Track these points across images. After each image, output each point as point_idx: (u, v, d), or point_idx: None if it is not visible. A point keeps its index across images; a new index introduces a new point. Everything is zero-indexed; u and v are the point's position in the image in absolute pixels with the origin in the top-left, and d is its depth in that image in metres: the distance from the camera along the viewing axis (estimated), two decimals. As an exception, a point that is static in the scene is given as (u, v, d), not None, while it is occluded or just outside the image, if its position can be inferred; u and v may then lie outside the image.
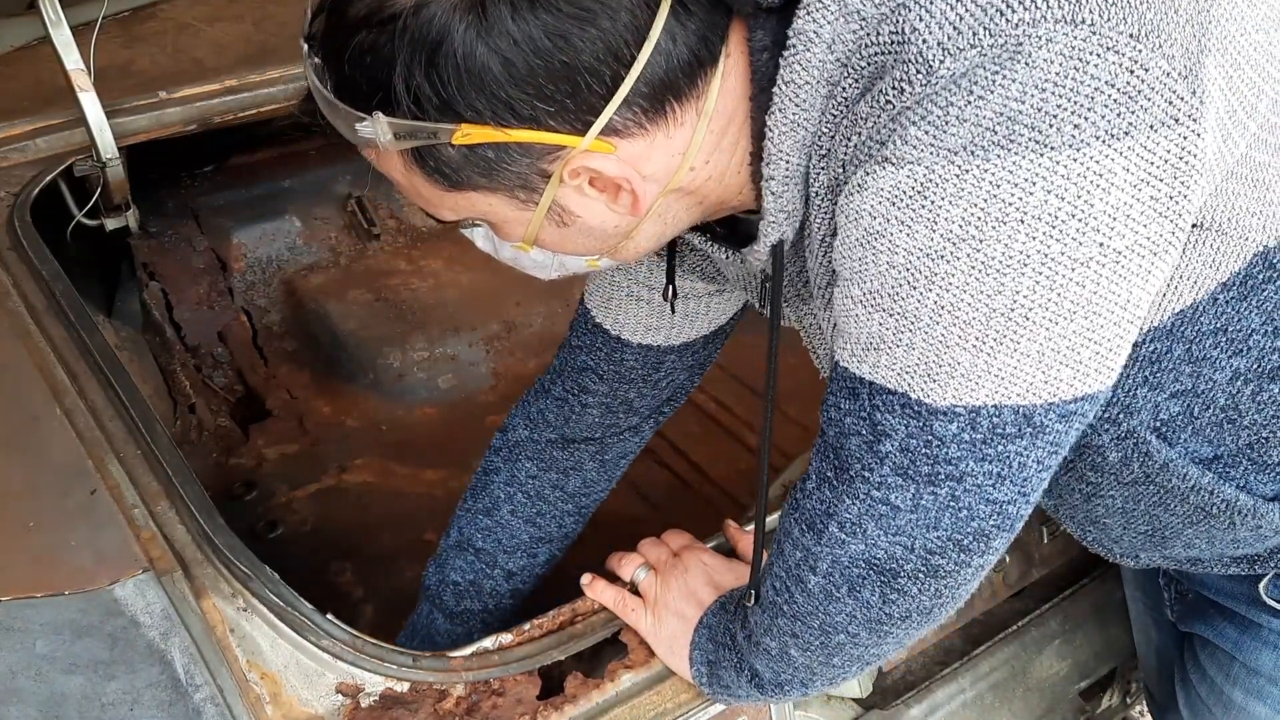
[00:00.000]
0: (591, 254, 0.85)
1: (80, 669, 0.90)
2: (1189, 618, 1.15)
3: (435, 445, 1.82)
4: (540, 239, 0.82)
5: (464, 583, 1.24)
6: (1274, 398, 0.84)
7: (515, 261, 0.88)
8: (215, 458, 1.75)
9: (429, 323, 1.96)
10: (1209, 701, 1.13)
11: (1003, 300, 0.67)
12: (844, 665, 0.89)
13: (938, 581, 0.79)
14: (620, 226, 0.80)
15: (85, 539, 1.01)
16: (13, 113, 1.67)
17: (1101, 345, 0.70)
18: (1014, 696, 1.30)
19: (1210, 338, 0.80)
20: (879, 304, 0.71)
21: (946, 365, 0.70)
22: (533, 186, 0.76)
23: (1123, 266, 0.67)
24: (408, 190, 0.80)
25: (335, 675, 0.96)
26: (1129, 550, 1.01)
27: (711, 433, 1.85)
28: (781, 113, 0.72)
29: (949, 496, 0.75)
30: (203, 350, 1.91)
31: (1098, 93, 0.62)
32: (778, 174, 0.75)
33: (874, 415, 0.74)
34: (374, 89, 0.70)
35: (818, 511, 0.81)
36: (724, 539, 1.15)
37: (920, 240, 0.67)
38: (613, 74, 0.69)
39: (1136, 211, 0.65)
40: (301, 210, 2.08)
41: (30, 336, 1.25)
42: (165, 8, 2.11)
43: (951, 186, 0.65)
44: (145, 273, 1.90)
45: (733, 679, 0.96)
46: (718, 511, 1.62)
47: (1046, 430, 0.73)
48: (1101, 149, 0.63)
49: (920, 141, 0.65)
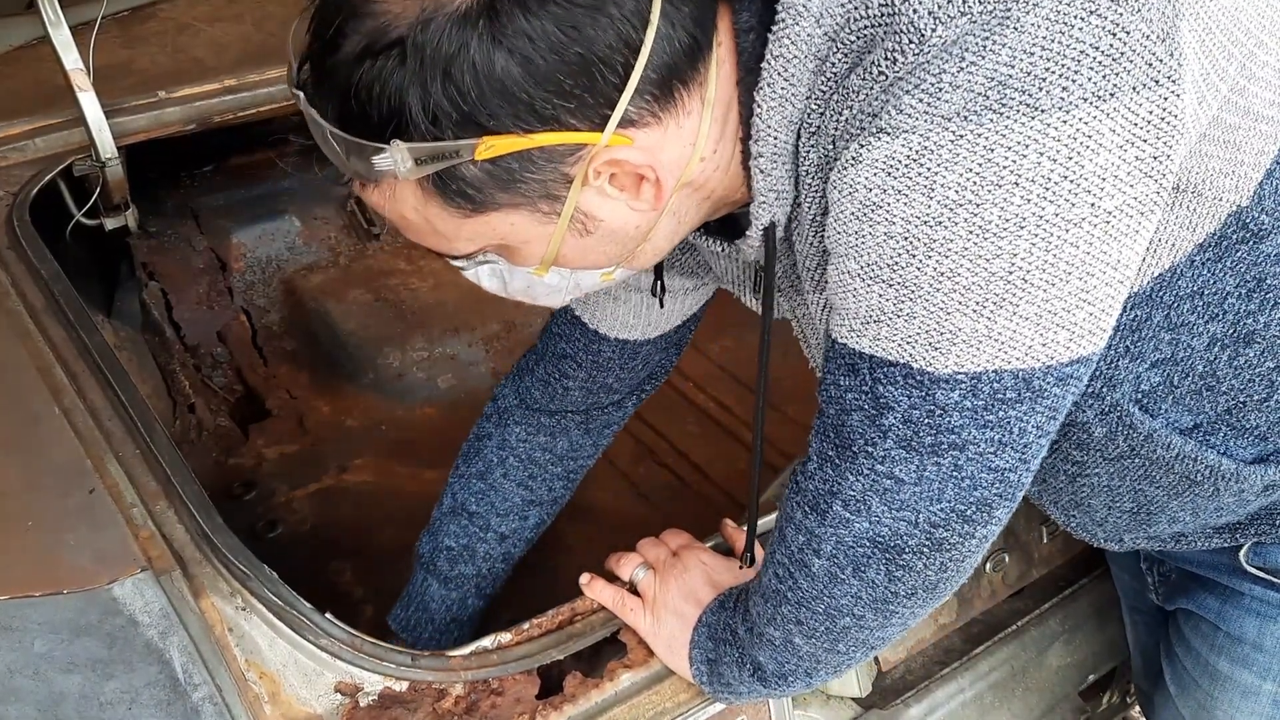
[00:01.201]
0: (609, 264, 0.85)
1: (78, 668, 0.90)
2: (1173, 596, 1.16)
3: (435, 445, 1.82)
4: (561, 255, 0.81)
5: (457, 547, 1.26)
6: (1250, 362, 0.86)
7: (528, 292, 0.88)
8: (214, 457, 1.74)
9: (429, 322, 1.96)
10: (1195, 673, 1.14)
11: (1001, 263, 0.68)
12: (848, 651, 0.89)
13: (942, 555, 0.80)
14: (640, 226, 0.81)
15: (84, 538, 1.01)
16: (12, 112, 1.67)
17: (1095, 306, 0.71)
18: (1014, 696, 1.30)
19: (1187, 302, 0.82)
20: (878, 275, 0.72)
21: (948, 332, 0.71)
22: (555, 195, 0.75)
23: (1113, 226, 0.68)
24: (421, 229, 0.79)
25: (334, 674, 0.96)
26: (1113, 532, 1.02)
27: (711, 433, 1.85)
28: (770, 87, 0.73)
29: (952, 466, 0.75)
30: (202, 350, 1.91)
31: (1083, 55, 0.64)
32: (766, 150, 0.76)
33: (875, 389, 0.75)
34: (388, 118, 0.69)
35: (821, 492, 0.81)
36: (722, 538, 1.15)
37: (918, 208, 0.68)
38: (624, 62, 0.70)
39: (1124, 172, 0.67)
40: (301, 210, 2.08)
41: (29, 336, 1.25)
42: (165, 7, 2.11)
43: (947, 152, 0.66)
44: (144, 272, 1.90)
45: (734, 674, 0.96)
46: (717, 511, 1.61)
47: (1045, 394, 0.74)
48: (1089, 110, 0.65)
49: (914, 109, 0.66)
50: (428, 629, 1.30)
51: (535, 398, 1.22)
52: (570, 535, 1.49)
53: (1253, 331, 0.84)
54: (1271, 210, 0.80)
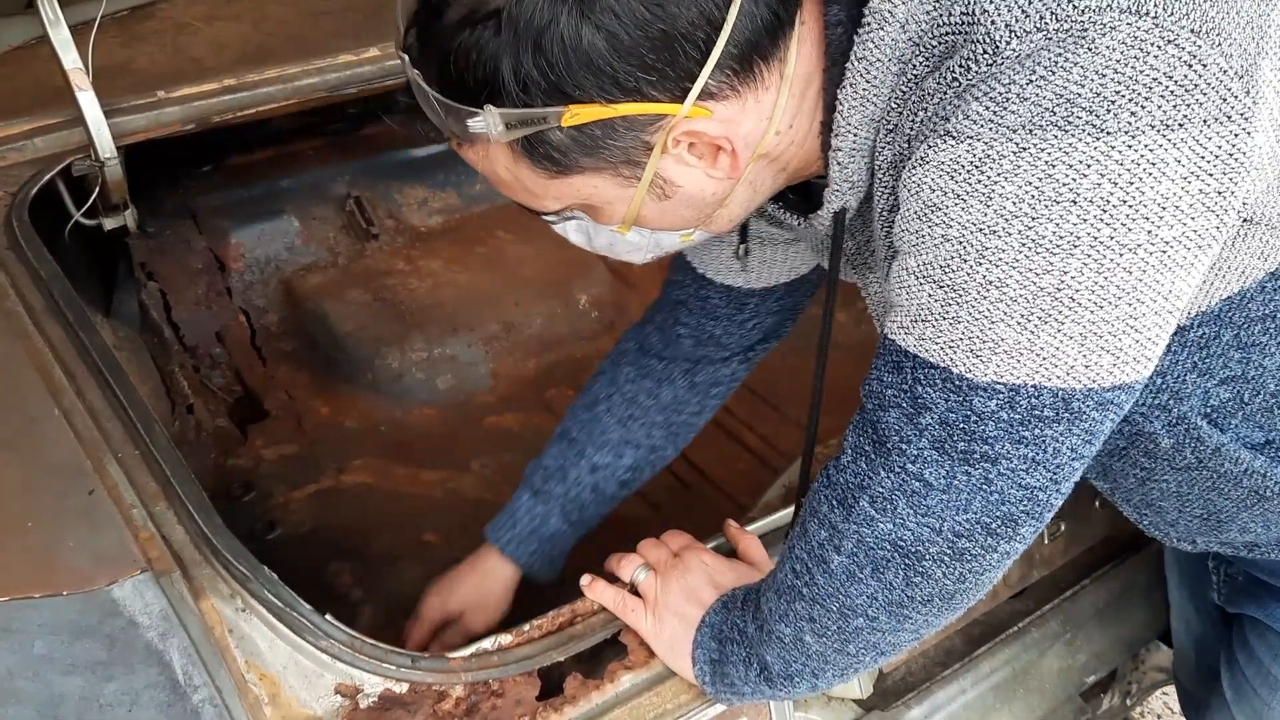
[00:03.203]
0: (688, 227, 0.90)
1: (78, 670, 0.90)
2: (1237, 599, 1.15)
3: (434, 446, 1.82)
4: (641, 216, 0.86)
5: (553, 466, 1.32)
6: None
7: (610, 248, 0.93)
8: (213, 458, 1.74)
9: (428, 323, 1.96)
10: (1254, 682, 1.13)
11: (1050, 279, 0.69)
12: (858, 654, 0.89)
13: (963, 565, 0.80)
14: (717, 193, 0.84)
15: (83, 539, 1.00)
16: (11, 112, 1.66)
17: (1141, 334, 0.72)
18: (1014, 697, 1.30)
19: (1259, 324, 0.83)
20: (930, 276, 0.73)
21: (990, 341, 0.72)
22: (636, 160, 0.79)
23: (1169, 257, 0.69)
24: (512, 186, 0.84)
25: (334, 676, 0.96)
26: (1185, 534, 1.02)
27: (711, 434, 1.84)
28: (853, 88, 0.76)
29: (982, 478, 0.76)
30: (201, 350, 1.91)
31: (1156, 83, 0.65)
32: (845, 145, 0.80)
33: (915, 389, 0.76)
34: (482, 84, 0.74)
35: (851, 485, 0.82)
36: (724, 539, 1.15)
37: (975, 214, 0.69)
38: (705, 37, 0.73)
39: (1185, 204, 0.67)
40: (300, 210, 2.08)
41: (28, 337, 1.25)
42: (164, 7, 2.10)
43: (1009, 163, 0.67)
44: (143, 273, 1.90)
45: (739, 674, 0.96)
46: (718, 512, 1.61)
47: (1083, 417, 0.74)
48: (1156, 138, 0.65)
49: (980, 117, 0.67)
50: (508, 533, 1.35)
51: (651, 343, 1.27)
52: (570, 536, 1.49)
53: None
54: None
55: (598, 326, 2.05)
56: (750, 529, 1.15)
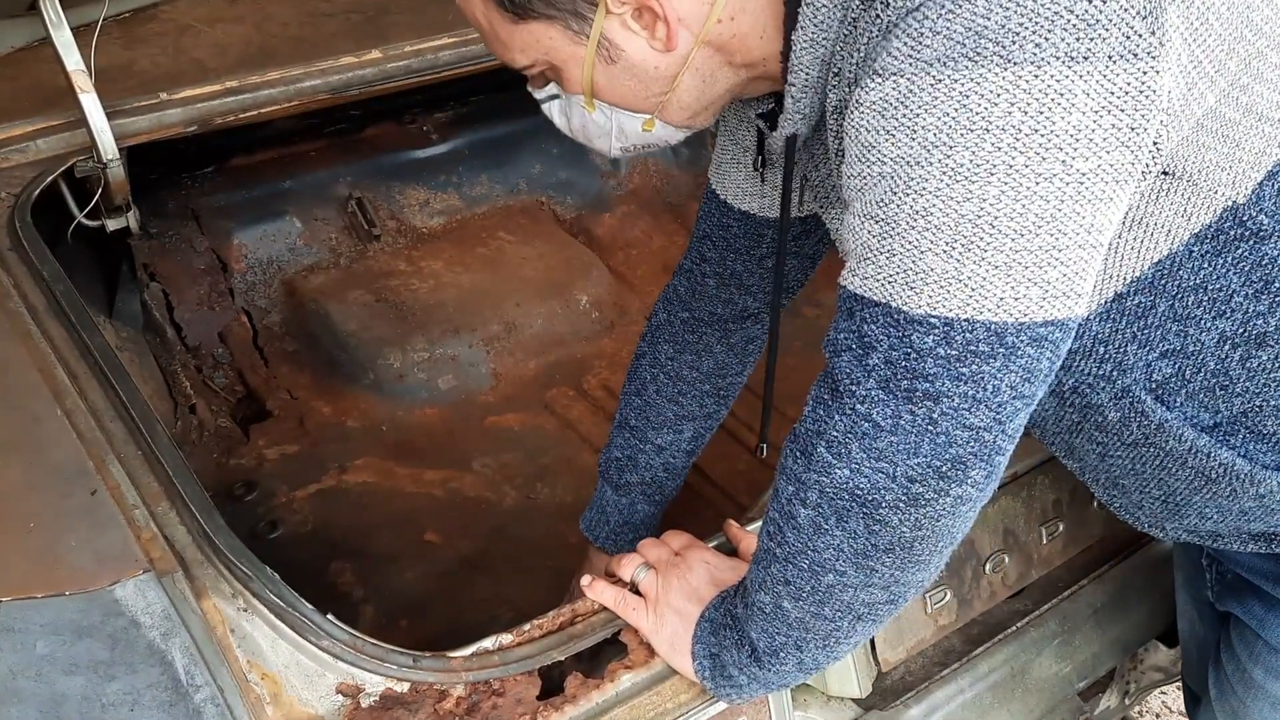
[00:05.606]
0: (641, 108, 0.94)
1: (80, 670, 0.91)
2: (1226, 597, 1.16)
3: (435, 446, 1.82)
4: (597, 85, 0.91)
5: (623, 457, 1.37)
6: (1263, 365, 0.87)
7: (584, 131, 0.99)
8: (215, 458, 1.75)
9: (429, 323, 1.97)
10: (1233, 679, 1.14)
11: (970, 207, 0.72)
12: (835, 619, 0.90)
13: (918, 511, 0.81)
14: (660, 69, 0.89)
15: (86, 539, 1.01)
16: (13, 114, 1.67)
17: (1068, 267, 0.74)
18: (1013, 697, 1.30)
19: (1192, 294, 0.85)
20: (870, 213, 0.77)
21: (921, 271, 0.75)
22: (582, 14, 0.86)
23: (1086, 189, 0.71)
24: (487, 34, 0.91)
25: (335, 675, 0.96)
26: (1153, 518, 1.03)
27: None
28: (802, 30, 0.82)
29: (926, 417, 0.77)
30: (203, 351, 1.91)
31: (1057, 15, 0.68)
32: (798, 81, 0.86)
33: (862, 328, 0.79)
34: None
35: (810, 433, 0.84)
36: (725, 539, 1.16)
37: (902, 148, 0.73)
38: None
39: (1099, 136, 0.70)
40: (302, 211, 2.08)
41: (31, 337, 1.25)
42: (166, 9, 2.11)
43: (928, 95, 0.71)
44: (146, 273, 1.90)
45: (733, 659, 0.97)
46: (718, 511, 1.62)
47: (1018, 353, 0.76)
48: (1061, 69, 0.68)
49: (901, 53, 0.71)
50: (604, 529, 1.42)
51: (680, 297, 1.29)
52: (571, 535, 1.49)
53: (1264, 334, 0.85)
54: (1272, 212, 0.81)
55: (598, 326, 2.06)
56: (750, 529, 1.15)
